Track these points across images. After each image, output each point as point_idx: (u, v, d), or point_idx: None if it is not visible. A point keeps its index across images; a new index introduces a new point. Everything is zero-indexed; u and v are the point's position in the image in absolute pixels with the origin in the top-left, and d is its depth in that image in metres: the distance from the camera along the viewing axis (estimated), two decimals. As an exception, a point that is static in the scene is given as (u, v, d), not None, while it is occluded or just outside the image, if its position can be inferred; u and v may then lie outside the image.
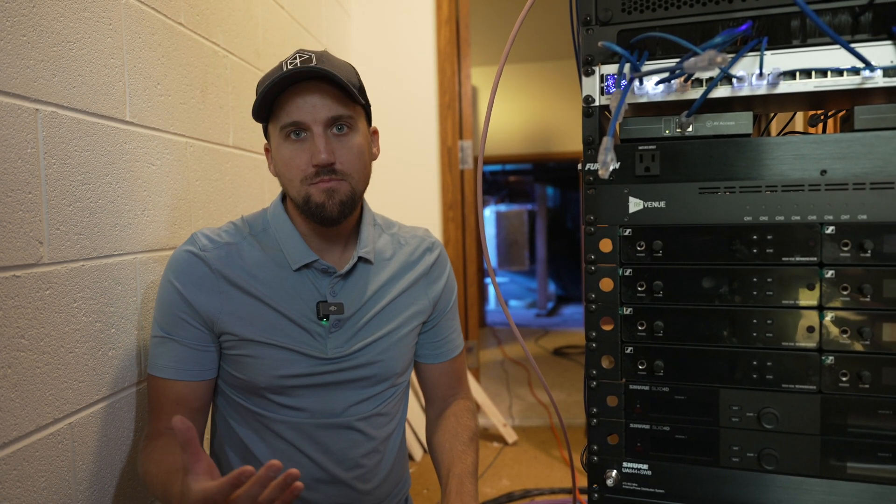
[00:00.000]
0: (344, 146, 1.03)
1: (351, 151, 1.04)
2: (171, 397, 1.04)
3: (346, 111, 1.03)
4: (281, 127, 1.02)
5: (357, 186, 1.06)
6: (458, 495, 1.04)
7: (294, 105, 1.01)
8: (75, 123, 1.00)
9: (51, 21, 0.95)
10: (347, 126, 1.04)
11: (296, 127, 1.01)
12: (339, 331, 1.08)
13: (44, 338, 0.93)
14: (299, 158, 1.02)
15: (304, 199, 1.03)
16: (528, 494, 2.22)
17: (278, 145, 1.04)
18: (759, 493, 0.83)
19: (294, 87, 1.01)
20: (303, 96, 1.00)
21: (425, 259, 1.21)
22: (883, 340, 0.78)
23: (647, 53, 0.84)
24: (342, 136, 1.04)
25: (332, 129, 1.03)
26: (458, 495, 1.04)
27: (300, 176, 1.02)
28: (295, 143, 1.02)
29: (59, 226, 0.97)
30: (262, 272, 1.06)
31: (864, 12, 0.78)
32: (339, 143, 1.03)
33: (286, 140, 1.03)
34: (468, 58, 2.90)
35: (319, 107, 1.01)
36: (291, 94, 1.01)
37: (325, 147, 1.00)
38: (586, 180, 0.88)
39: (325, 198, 1.02)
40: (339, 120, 1.03)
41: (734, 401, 0.84)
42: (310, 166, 1.01)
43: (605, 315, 0.89)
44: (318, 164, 1.00)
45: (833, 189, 0.79)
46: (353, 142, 1.04)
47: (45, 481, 0.93)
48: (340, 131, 1.03)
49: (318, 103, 1.01)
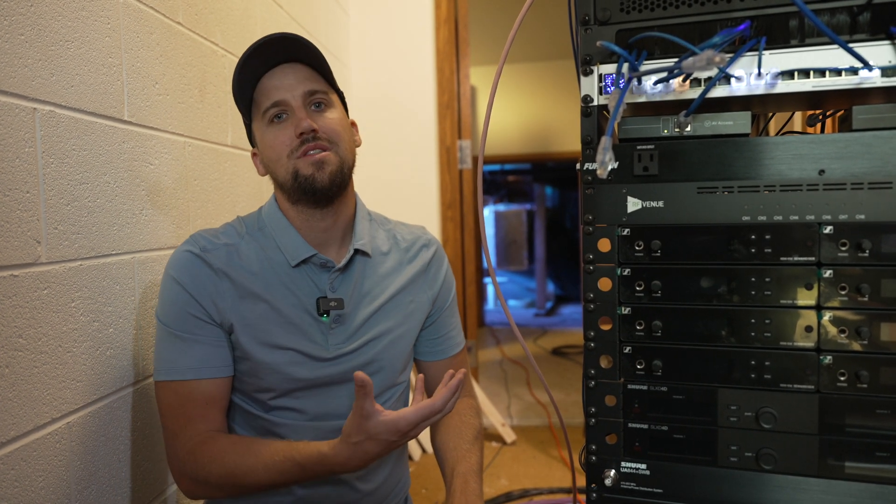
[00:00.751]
0: (324, 118, 1.06)
1: (332, 121, 1.06)
2: (198, 399, 1.01)
3: (320, 86, 1.07)
4: (263, 112, 1.05)
5: (345, 157, 1.07)
6: (462, 494, 1.04)
7: (271, 86, 1.04)
8: (73, 123, 1.00)
9: (49, 20, 0.95)
10: (325, 103, 1.07)
11: (277, 109, 1.04)
12: (340, 327, 1.08)
13: (42, 337, 0.93)
14: (283, 135, 1.04)
15: (293, 175, 1.03)
16: (526, 494, 2.22)
17: (263, 134, 1.06)
18: (758, 492, 0.83)
19: (269, 73, 1.05)
20: (279, 78, 1.05)
21: (422, 255, 1.21)
22: (881, 340, 0.78)
23: (645, 53, 0.84)
24: (321, 112, 1.06)
25: (310, 106, 1.06)
26: (463, 494, 1.04)
27: (286, 151, 1.03)
28: (279, 125, 1.05)
29: (57, 225, 0.97)
30: (261, 271, 1.05)
31: (863, 12, 0.78)
32: (318, 115, 1.06)
33: (270, 125, 1.05)
34: (467, 57, 2.90)
35: (295, 83, 1.04)
36: (267, 80, 1.05)
37: (306, 115, 1.03)
38: (585, 180, 0.88)
39: (314, 169, 1.03)
40: (315, 94, 1.06)
41: (732, 400, 0.84)
42: (293, 139, 1.03)
43: (603, 315, 0.89)
44: (302, 131, 1.02)
45: (831, 189, 0.79)
46: (332, 115, 1.07)
47: (42, 481, 0.93)
48: (318, 107, 1.06)
49: (292, 80, 1.05)
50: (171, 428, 1.02)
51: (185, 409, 1.01)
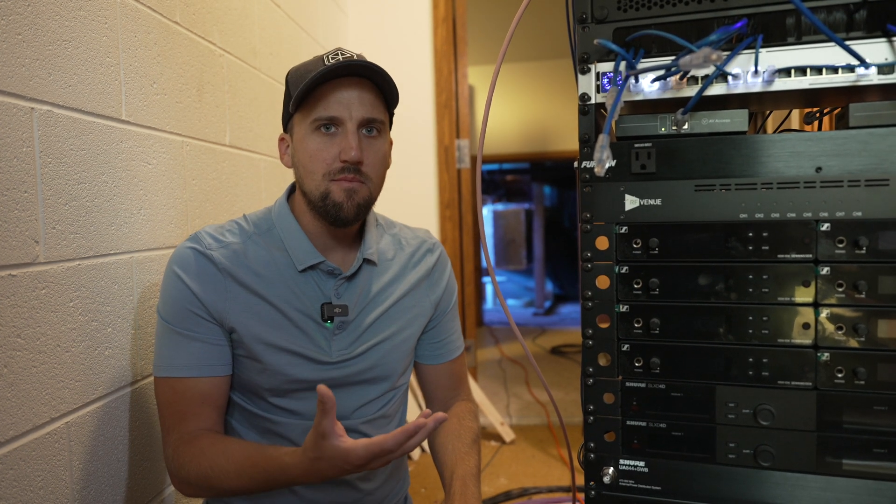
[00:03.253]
0: (372, 149, 1.03)
1: (377, 155, 1.04)
2: (195, 397, 1.01)
3: (380, 115, 1.04)
4: (314, 119, 1.01)
5: (374, 192, 1.06)
6: (461, 497, 1.04)
7: (333, 98, 1.00)
8: (71, 122, 1.00)
9: (46, 20, 0.95)
10: (377, 130, 1.04)
11: (330, 121, 1.01)
12: (343, 333, 1.08)
13: (40, 337, 0.93)
14: (327, 152, 1.01)
15: (321, 195, 1.02)
16: (525, 493, 2.22)
17: (304, 136, 1.03)
18: (755, 489, 0.84)
19: (333, 82, 1.01)
20: (343, 91, 1.00)
21: (426, 260, 1.21)
22: (878, 337, 0.78)
23: (642, 51, 0.84)
24: (371, 139, 1.04)
25: (363, 130, 1.03)
26: (462, 497, 1.04)
27: (324, 170, 1.01)
28: (324, 137, 1.01)
29: (55, 225, 0.96)
30: (266, 272, 1.05)
31: (859, 10, 0.78)
32: (367, 145, 1.03)
33: (315, 132, 1.02)
34: (465, 57, 2.90)
35: (357, 104, 1.01)
36: (331, 88, 1.00)
37: (357, 144, 1.00)
38: (583, 178, 0.88)
39: (345, 198, 1.01)
40: (372, 123, 1.03)
41: (730, 397, 0.84)
42: (337, 161, 1.01)
43: (601, 313, 0.89)
44: (347, 159, 1.00)
45: (828, 186, 0.79)
46: (380, 146, 1.05)
47: (41, 481, 0.93)
48: (370, 133, 1.04)
49: (357, 100, 1.01)
50: (165, 424, 1.02)
51: (180, 406, 1.01)
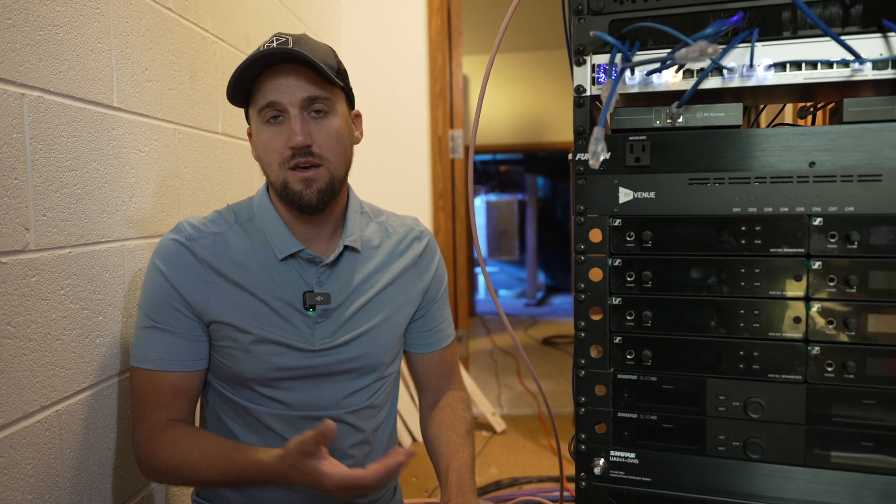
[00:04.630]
0: (321, 129, 1.03)
1: (329, 134, 1.03)
2: (166, 389, 1.02)
3: (322, 92, 1.02)
4: (259, 110, 1.02)
5: (336, 171, 1.05)
6: (458, 489, 1.04)
7: (270, 86, 1.01)
8: (62, 109, 0.99)
9: (37, 4, 0.94)
10: (325, 109, 1.03)
11: (273, 109, 1.01)
12: (326, 321, 1.07)
13: (30, 325, 0.93)
14: (276, 141, 1.01)
15: (282, 185, 1.03)
16: (516, 482, 2.23)
17: (257, 129, 1.04)
18: (745, 481, 0.84)
19: (270, 70, 1.01)
20: (278, 78, 1.01)
21: (414, 248, 1.20)
22: (868, 331, 0.79)
23: (638, 43, 0.84)
24: (319, 119, 1.03)
25: (309, 112, 1.02)
26: (460, 490, 1.04)
27: (278, 159, 1.02)
28: (273, 126, 1.02)
29: (46, 212, 0.96)
30: (248, 262, 1.05)
31: (855, 5, 0.78)
32: (316, 126, 1.02)
33: (265, 124, 1.03)
34: (459, 46, 2.88)
35: (294, 88, 1.01)
36: (267, 77, 1.01)
37: (300, 129, 1.00)
38: (577, 170, 0.88)
39: (303, 187, 1.01)
40: (315, 101, 1.02)
41: (721, 390, 0.85)
42: (286, 149, 1.01)
43: (594, 305, 0.89)
44: (294, 146, 1.00)
45: (821, 181, 0.80)
46: (330, 124, 1.04)
47: (32, 468, 0.93)
48: (318, 114, 1.03)
49: (293, 84, 1.01)
50: (136, 411, 1.04)
51: (152, 396, 1.02)
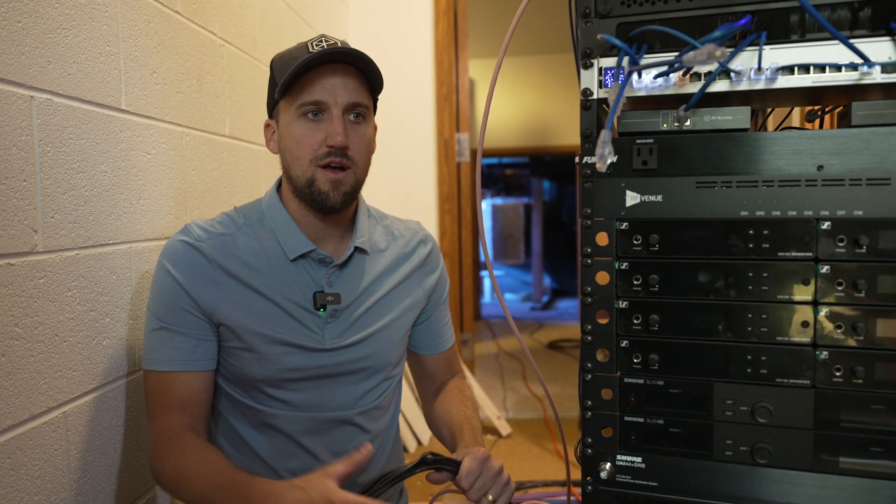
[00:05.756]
0: (357, 134, 1.04)
1: (363, 141, 1.05)
2: (177, 392, 1.02)
3: (365, 100, 1.05)
4: (299, 104, 1.02)
5: (360, 177, 1.07)
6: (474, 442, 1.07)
7: (318, 85, 1.01)
8: (70, 111, 1.00)
9: (46, 7, 0.95)
10: (363, 116, 1.06)
11: (315, 107, 1.02)
12: (336, 321, 1.08)
13: (38, 326, 0.93)
14: (312, 137, 1.02)
15: (307, 181, 1.03)
16: (521, 487, 2.23)
17: (290, 122, 1.04)
18: (752, 486, 0.84)
19: (319, 68, 1.02)
20: (328, 77, 1.01)
21: (419, 251, 1.21)
22: (877, 336, 0.79)
23: (645, 47, 0.84)
24: (357, 124, 1.05)
25: (349, 115, 1.04)
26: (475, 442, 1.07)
27: (311, 155, 1.02)
28: (311, 122, 1.02)
29: (54, 214, 0.96)
30: (258, 262, 1.05)
31: (863, 8, 0.78)
32: (353, 130, 1.04)
33: (301, 118, 1.03)
34: (466, 50, 2.89)
35: (342, 90, 1.02)
36: (316, 75, 1.01)
37: (343, 130, 1.01)
38: (583, 173, 0.88)
39: (331, 188, 1.02)
40: (357, 107, 1.04)
41: (728, 395, 0.84)
42: (323, 146, 1.02)
43: (600, 308, 0.89)
44: (333, 144, 1.01)
45: (829, 185, 0.79)
46: (365, 131, 1.06)
47: (38, 470, 0.93)
48: (356, 119, 1.05)
49: (341, 86, 1.02)
50: (150, 414, 1.04)
51: (163, 398, 1.02)
